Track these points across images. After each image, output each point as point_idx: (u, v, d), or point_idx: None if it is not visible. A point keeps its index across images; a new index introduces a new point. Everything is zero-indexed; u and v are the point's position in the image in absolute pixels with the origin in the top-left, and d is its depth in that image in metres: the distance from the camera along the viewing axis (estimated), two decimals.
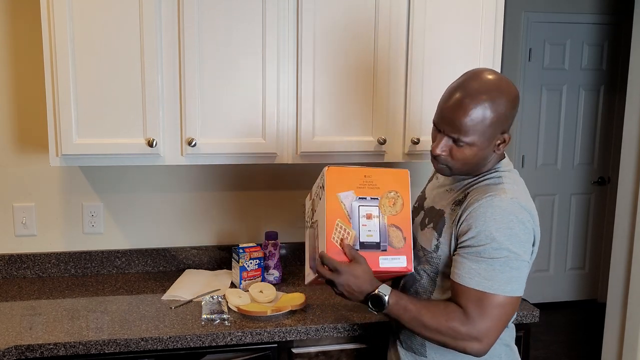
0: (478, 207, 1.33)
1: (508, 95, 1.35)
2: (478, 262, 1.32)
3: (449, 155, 1.39)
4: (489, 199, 1.33)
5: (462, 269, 1.34)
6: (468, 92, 1.33)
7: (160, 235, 2.31)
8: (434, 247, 1.44)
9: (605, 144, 4.48)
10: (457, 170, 1.42)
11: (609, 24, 4.30)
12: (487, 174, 1.43)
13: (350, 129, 2.01)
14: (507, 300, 1.32)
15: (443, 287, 1.44)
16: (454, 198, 1.45)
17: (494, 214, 1.31)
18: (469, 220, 1.34)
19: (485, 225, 1.31)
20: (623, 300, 2.95)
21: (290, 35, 1.93)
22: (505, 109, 1.34)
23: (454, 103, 1.34)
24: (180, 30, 1.85)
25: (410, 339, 1.52)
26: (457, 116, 1.33)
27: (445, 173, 1.45)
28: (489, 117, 1.32)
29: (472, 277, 1.32)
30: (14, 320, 1.81)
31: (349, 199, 1.44)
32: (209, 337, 1.73)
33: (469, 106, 1.32)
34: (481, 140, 1.35)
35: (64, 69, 1.79)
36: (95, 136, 1.85)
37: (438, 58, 2.02)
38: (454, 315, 1.33)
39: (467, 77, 1.38)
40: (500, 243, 1.30)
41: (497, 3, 2.03)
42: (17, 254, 2.20)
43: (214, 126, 1.91)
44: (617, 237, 3.00)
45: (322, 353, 1.82)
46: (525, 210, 1.34)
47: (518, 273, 1.32)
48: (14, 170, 2.17)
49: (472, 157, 1.37)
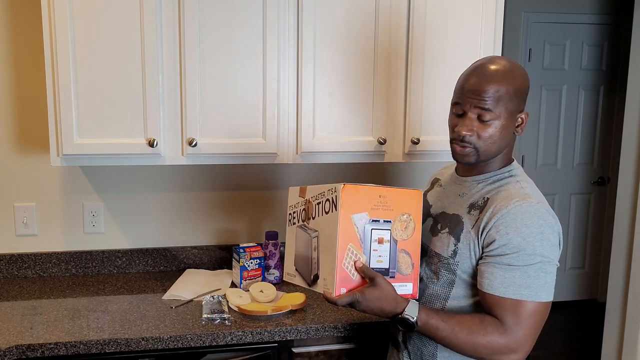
0: (507, 213, 1.30)
1: (525, 74, 1.39)
2: (512, 270, 1.28)
3: (475, 135, 1.36)
4: (517, 205, 1.30)
5: (495, 279, 1.30)
6: (491, 66, 1.36)
7: (161, 235, 2.31)
8: (451, 252, 1.39)
9: (605, 144, 4.49)
10: (484, 153, 1.38)
11: (609, 24, 4.31)
12: (501, 176, 1.41)
13: (351, 129, 2.01)
14: (541, 307, 1.30)
15: (460, 295, 1.40)
16: (469, 202, 1.41)
17: (524, 220, 1.29)
18: (498, 227, 1.30)
19: (517, 232, 1.28)
20: (623, 300, 2.95)
21: (290, 34, 1.94)
22: (525, 85, 1.37)
23: (479, 75, 1.35)
24: (180, 30, 1.85)
25: (421, 349, 1.46)
26: (483, 85, 1.33)
27: (471, 159, 1.40)
28: (512, 89, 1.34)
29: (507, 287, 1.29)
30: (14, 319, 1.82)
31: (362, 221, 1.37)
32: (210, 337, 1.74)
33: (495, 76, 1.34)
34: (505, 114, 1.35)
35: (64, 68, 1.80)
36: (96, 136, 1.85)
37: (438, 58, 2.03)
38: (491, 328, 1.29)
39: (483, 59, 1.40)
40: (534, 248, 1.28)
41: (497, 3, 2.03)
42: (18, 254, 2.20)
43: (215, 126, 1.92)
44: (616, 237, 3.00)
45: (322, 352, 1.83)
46: (550, 215, 1.33)
47: (550, 278, 1.31)
48: (15, 170, 2.18)
49: (497, 134, 1.36)
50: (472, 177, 1.45)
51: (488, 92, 1.33)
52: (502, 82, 1.33)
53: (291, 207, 1.58)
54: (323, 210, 1.43)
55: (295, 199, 1.57)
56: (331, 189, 1.40)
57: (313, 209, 1.48)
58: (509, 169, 1.43)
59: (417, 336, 1.47)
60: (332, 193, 1.39)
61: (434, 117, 2.04)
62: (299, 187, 1.57)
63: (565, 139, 4.43)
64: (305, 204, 1.52)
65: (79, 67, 1.81)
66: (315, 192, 1.48)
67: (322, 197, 1.44)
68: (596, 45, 4.34)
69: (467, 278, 1.38)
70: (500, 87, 1.33)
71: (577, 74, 4.35)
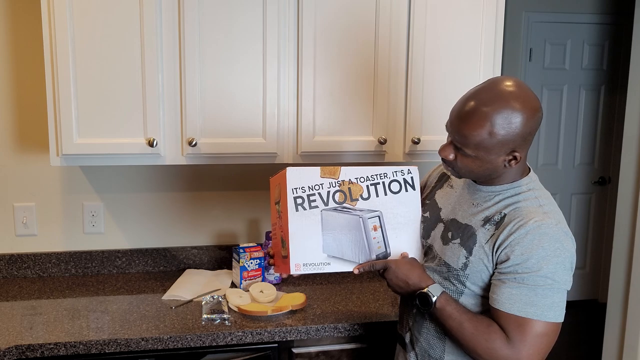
0: (525, 234, 1.27)
1: (524, 111, 1.25)
2: (519, 287, 1.27)
3: (455, 160, 1.34)
4: (535, 226, 1.27)
5: (502, 295, 1.29)
6: (479, 103, 1.26)
7: (161, 235, 2.31)
8: (462, 265, 1.37)
9: (605, 144, 4.48)
10: (466, 176, 1.38)
11: (610, 23, 4.30)
12: (518, 189, 1.36)
13: (351, 128, 2.01)
14: (549, 328, 1.27)
15: (468, 304, 1.38)
16: (484, 215, 1.37)
17: (541, 242, 1.26)
18: (514, 247, 1.28)
19: (532, 253, 1.26)
20: (624, 301, 2.95)
21: (290, 34, 1.93)
22: (519, 127, 1.25)
23: (462, 112, 1.28)
24: (180, 30, 1.85)
25: (428, 352, 1.45)
26: (462, 127, 1.28)
27: (454, 175, 1.40)
28: (497, 134, 1.25)
29: (512, 303, 1.27)
30: (14, 319, 1.82)
31: None
32: (210, 337, 1.73)
33: (475, 120, 1.25)
34: (486, 155, 1.29)
35: (64, 68, 1.79)
36: (95, 136, 1.85)
37: (438, 57, 2.02)
38: (496, 336, 1.28)
39: (485, 85, 1.30)
40: (546, 272, 1.26)
41: (497, 3, 2.03)
42: (18, 254, 2.20)
43: (215, 126, 1.91)
44: (617, 237, 2.99)
45: (322, 353, 1.82)
46: (568, 237, 1.30)
47: (559, 298, 1.28)
48: (15, 170, 2.17)
49: (477, 169, 1.33)
50: (488, 186, 1.39)
51: (468, 136, 1.27)
52: (486, 129, 1.25)
53: (296, 190, 1.44)
54: (388, 189, 1.48)
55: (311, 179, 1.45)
56: (399, 171, 1.49)
57: (363, 189, 1.47)
58: (527, 182, 1.38)
59: (424, 338, 1.45)
60: (402, 174, 1.50)
61: (435, 116, 2.04)
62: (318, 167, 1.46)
63: (566, 138, 4.42)
64: (342, 184, 1.46)
65: (78, 66, 1.81)
66: (364, 173, 1.48)
67: (384, 178, 1.49)
68: (597, 44, 4.33)
69: (477, 290, 1.36)
70: (482, 132, 1.25)
71: (578, 74, 4.35)
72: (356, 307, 1.94)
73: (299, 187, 1.43)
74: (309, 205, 1.43)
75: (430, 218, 1.51)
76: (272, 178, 1.55)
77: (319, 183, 1.44)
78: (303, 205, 1.43)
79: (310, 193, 1.44)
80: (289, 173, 1.44)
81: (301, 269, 1.43)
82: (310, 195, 1.44)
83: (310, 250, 1.43)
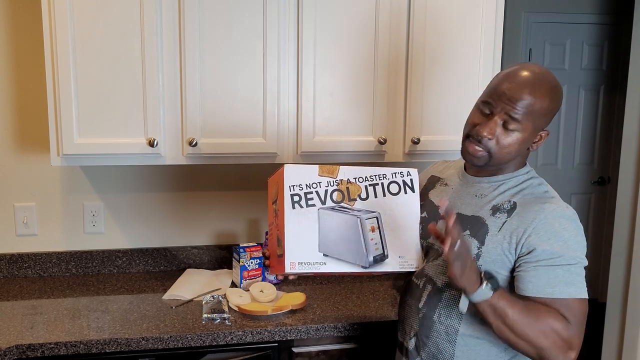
0: (544, 219, 1.29)
1: (561, 95, 1.34)
2: (555, 269, 1.27)
3: (494, 140, 1.31)
4: (552, 211, 1.30)
5: (540, 280, 1.27)
6: (534, 76, 1.29)
7: (161, 235, 2.31)
8: (474, 256, 1.33)
9: (605, 143, 4.48)
10: (496, 160, 1.35)
11: (609, 24, 4.31)
12: (521, 178, 1.39)
13: (351, 128, 2.01)
14: (586, 303, 1.29)
15: None
16: (491, 204, 1.37)
17: (562, 224, 1.29)
18: (539, 233, 1.28)
19: (557, 237, 1.28)
20: (623, 301, 2.95)
21: (290, 34, 1.94)
22: (558, 106, 1.33)
23: (519, 81, 1.29)
24: (180, 29, 1.85)
25: (437, 356, 1.40)
26: (520, 94, 1.28)
27: (479, 162, 1.36)
28: (546, 107, 1.30)
29: (554, 287, 1.27)
30: (15, 319, 1.82)
31: None
32: (210, 337, 1.74)
33: (535, 87, 1.28)
34: (531, 128, 1.31)
35: (64, 68, 1.79)
36: (96, 136, 1.85)
37: (438, 57, 2.02)
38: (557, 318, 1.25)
39: (526, 66, 1.32)
40: (575, 251, 1.28)
41: (497, 3, 2.03)
42: (19, 254, 2.20)
43: (215, 126, 1.92)
44: (617, 237, 3.00)
45: (322, 352, 1.82)
46: (577, 217, 1.34)
47: (584, 275, 1.31)
48: (15, 170, 2.18)
49: (516, 146, 1.32)
50: (489, 177, 1.41)
51: (523, 102, 1.28)
52: (540, 97, 1.28)
53: (294, 188, 1.41)
54: (386, 191, 1.46)
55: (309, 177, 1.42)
56: (399, 172, 1.48)
57: (361, 190, 1.45)
58: (527, 171, 1.41)
59: (432, 342, 1.40)
60: (402, 176, 1.48)
61: (435, 116, 2.04)
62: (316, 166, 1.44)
63: (566, 138, 4.42)
64: (341, 184, 1.44)
65: (79, 66, 1.81)
66: (363, 173, 1.46)
67: (383, 179, 1.47)
68: (596, 45, 4.34)
69: None
70: (536, 101, 1.28)
71: (578, 74, 4.35)
72: (356, 307, 1.94)
73: (296, 185, 1.40)
74: (306, 203, 1.40)
75: (429, 217, 1.49)
76: (270, 178, 1.53)
77: (317, 181, 1.42)
78: (300, 203, 1.40)
79: (308, 191, 1.41)
80: (286, 170, 1.40)
81: (296, 267, 1.38)
82: (308, 193, 1.41)
83: (306, 249, 1.39)
